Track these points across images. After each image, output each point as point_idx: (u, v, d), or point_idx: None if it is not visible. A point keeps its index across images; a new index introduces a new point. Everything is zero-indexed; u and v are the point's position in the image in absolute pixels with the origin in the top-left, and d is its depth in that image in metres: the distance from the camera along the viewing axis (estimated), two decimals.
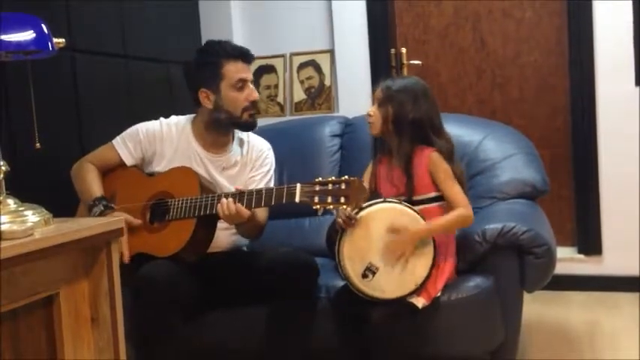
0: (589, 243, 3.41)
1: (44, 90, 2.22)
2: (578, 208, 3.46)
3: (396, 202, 2.10)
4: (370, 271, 2.05)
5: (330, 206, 1.90)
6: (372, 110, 2.22)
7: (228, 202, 2.04)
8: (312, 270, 2.19)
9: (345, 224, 2.04)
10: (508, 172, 2.58)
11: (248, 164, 2.38)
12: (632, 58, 3.22)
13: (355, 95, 3.60)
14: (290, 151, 2.84)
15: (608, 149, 3.31)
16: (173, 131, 2.34)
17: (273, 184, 2.41)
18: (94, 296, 1.54)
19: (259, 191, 2.06)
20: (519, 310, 2.34)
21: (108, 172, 2.33)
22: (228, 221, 2.11)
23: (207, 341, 2.29)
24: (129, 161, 2.31)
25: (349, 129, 2.98)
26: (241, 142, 2.40)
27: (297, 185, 1.95)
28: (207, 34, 3.54)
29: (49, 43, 1.50)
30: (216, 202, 2.07)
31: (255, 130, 2.48)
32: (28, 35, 1.47)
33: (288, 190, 1.97)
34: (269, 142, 2.47)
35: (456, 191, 2.13)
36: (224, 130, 2.34)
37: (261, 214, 2.27)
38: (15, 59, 1.52)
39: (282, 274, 2.11)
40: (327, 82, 3.72)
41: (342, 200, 1.88)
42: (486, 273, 2.22)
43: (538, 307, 3.06)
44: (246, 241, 2.43)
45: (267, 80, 3.82)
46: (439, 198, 2.16)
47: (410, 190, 2.14)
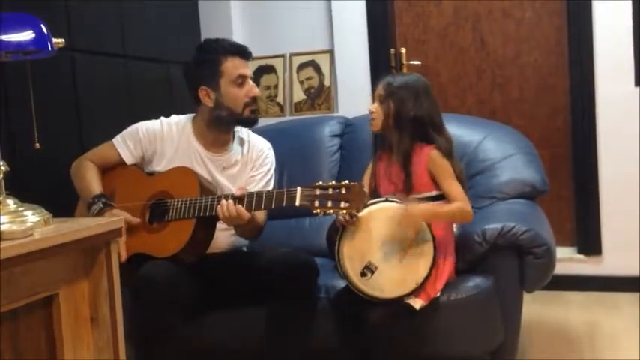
0: (588, 243, 3.41)
1: (44, 90, 2.22)
2: (577, 208, 3.46)
3: (397, 202, 2.10)
4: (369, 270, 2.05)
5: (330, 211, 1.90)
6: (373, 107, 2.22)
7: (228, 204, 2.04)
8: (311, 270, 2.19)
9: (347, 223, 2.04)
10: (508, 172, 2.58)
11: (248, 164, 2.38)
12: (632, 58, 3.22)
13: (355, 95, 3.60)
14: (290, 152, 2.84)
15: (607, 149, 3.31)
16: (173, 131, 2.34)
17: (273, 183, 2.41)
18: (93, 296, 1.54)
19: (259, 194, 2.05)
20: (519, 310, 2.34)
21: (107, 170, 2.32)
22: (227, 223, 2.11)
23: (207, 341, 2.29)
24: (129, 160, 2.31)
25: (349, 129, 2.98)
26: (242, 142, 2.40)
27: (298, 189, 1.94)
28: (207, 34, 3.54)
29: (48, 43, 1.50)
30: (216, 203, 2.07)
31: (255, 131, 2.48)
32: (27, 35, 1.47)
33: (288, 194, 1.96)
34: (269, 143, 2.46)
35: (455, 188, 2.12)
36: (225, 128, 2.34)
37: (260, 215, 2.27)
38: (14, 59, 1.52)
39: (281, 274, 2.12)
40: (327, 82, 3.72)
41: (342, 205, 1.88)
42: (486, 273, 2.22)
43: (538, 307, 3.06)
44: (246, 242, 2.43)
45: (266, 80, 3.82)
46: (438, 197, 2.15)
47: (407, 187, 2.14)
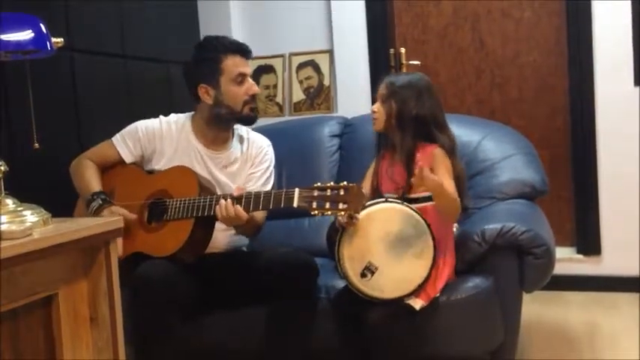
0: (588, 243, 3.41)
1: (43, 90, 2.22)
2: (577, 208, 3.46)
3: (397, 202, 2.10)
4: (369, 271, 2.04)
5: (328, 212, 1.89)
6: (375, 107, 2.22)
7: (227, 203, 2.04)
8: (311, 270, 2.19)
9: (347, 223, 2.04)
10: (507, 172, 2.58)
11: (248, 161, 2.37)
12: (631, 58, 3.22)
13: (354, 95, 3.60)
14: (289, 152, 2.83)
15: (607, 149, 3.31)
16: (173, 129, 2.34)
17: (273, 180, 2.41)
18: (92, 296, 1.54)
19: (258, 195, 2.05)
20: (518, 311, 2.34)
21: (107, 169, 2.32)
22: (226, 223, 2.10)
23: (206, 341, 2.29)
24: (128, 159, 2.31)
25: (348, 129, 2.98)
26: (241, 139, 2.40)
27: (296, 190, 1.94)
28: (207, 33, 3.49)
29: (47, 42, 1.50)
30: (215, 203, 2.06)
31: (254, 130, 2.48)
32: (26, 35, 1.47)
33: (286, 195, 1.96)
34: (268, 140, 2.46)
35: (449, 183, 2.11)
36: (224, 126, 2.34)
37: (260, 214, 2.27)
38: (14, 59, 1.52)
39: (281, 274, 2.11)
40: (326, 82, 3.72)
41: (340, 206, 1.87)
42: (485, 273, 2.22)
43: (537, 308, 3.06)
44: (246, 242, 2.43)
45: (266, 80, 3.82)
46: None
47: (408, 185, 2.14)
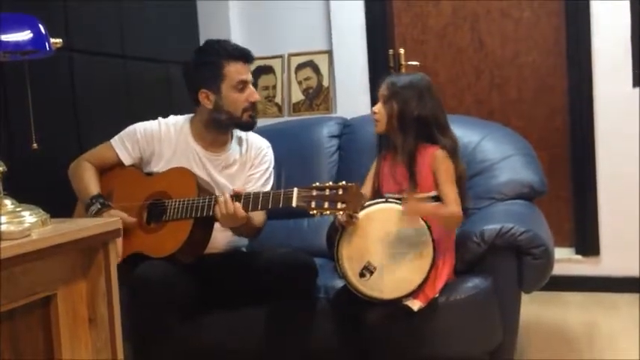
0: (587, 244, 3.41)
1: (42, 90, 2.22)
2: (576, 208, 3.46)
3: (397, 203, 2.10)
4: (368, 271, 2.04)
5: (327, 212, 1.89)
6: (377, 108, 2.21)
7: (226, 200, 2.04)
8: (310, 270, 2.19)
9: (346, 223, 2.04)
10: (506, 173, 2.58)
11: (247, 162, 2.37)
12: (630, 58, 3.22)
13: (353, 96, 3.60)
14: (288, 152, 2.83)
15: (606, 150, 3.32)
16: (171, 131, 2.34)
17: (272, 182, 2.41)
18: (91, 296, 1.54)
19: (256, 194, 2.05)
20: (517, 311, 2.34)
21: (106, 170, 2.32)
22: (224, 222, 2.09)
23: (205, 342, 2.29)
24: (127, 161, 2.31)
25: (347, 130, 2.98)
26: (240, 141, 2.40)
27: (295, 190, 1.94)
28: (206, 34, 3.54)
29: (46, 43, 1.50)
30: (214, 203, 2.06)
31: (254, 131, 2.47)
32: (25, 35, 1.47)
33: (285, 195, 1.96)
34: (267, 141, 2.45)
35: (450, 189, 2.13)
36: (223, 130, 2.34)
37: (259, 217, 2.27)
38: (12, 59, 1.52)
39: (280, 274, 2.11)
40: (325, 82, 3.72)
41: (338, 206, 1.87)
42: (484, 274, 2.22)
43: (536, 308, 3.06)
44: (245, 242, 2.43)
45: (265, 81, 3.82)
46: (437, 198, 2.16)
47: (412, 187, 2.14)
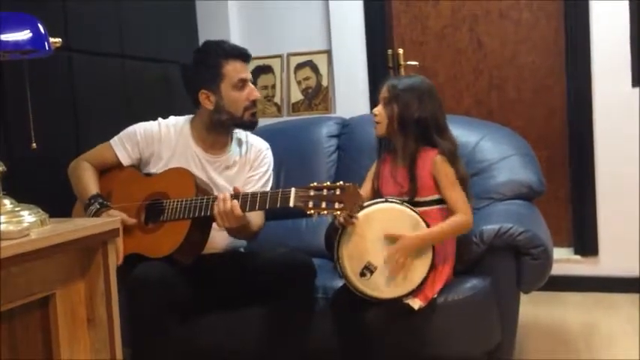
0: (585, 244, 3.41)
1: (41, 90, 2.22)
2: (574, 209, 3.46)
3: (397, 203, 2.10)
4: (368, 270, 2.05)
5: (325, 212, 1.89)
6: (377, 110, 2.21)
7: (225, 197, 2.03)
8: (309, 270, 2.19)
9: (346, 222, 2.04)
10: (505, 173, 2.58)
11: (247, 164, 2.37)
12: (629, 59, 3.22)
13: (352, 96, 3.60)
14: (287, 152, 2.83)
15: (605, 150, 3.31)
16: (171, 132, 2.33)
17: (271, 184, 2.40)
18: (90, 297, 1.54)
19: (254, 194, 2.05)
20: (516, 311, 2.34)
21: (105, 171, 2.32)
22: (222, 221, 2.06)
23: (204, 342, 2.29)
24: (126, 162, 2.31)
25: (346, 130, 2.98)
26: (240, 142, 2.40)
27: (292, 190, 1.94)
28: (205, 33, 3.54)
29: (45, 42, 1.50)
30: (211, 203, 2.06)
31: (253, 131, 2.47)
32: (24, 35, 1.47)
33: (282, 195, 1.95)
34: (267, 143, 2.46)
35: (457, 196, 2.12)
36: (224, 131, 2.34)
37: (257, 220, 2.26)
38: (12, 58, 1.52)
39: (279, 274, 2.11)
40: (325, 82, 3.72)
41: (336, 206, 1.87)
42: (483, 274, 2.22)
43: (535, 308, 3.06)
44: (244, 243, 2.42)
45: (264, 81, 3.82)
46: (441, 201, 2.15)
47: (413, 191, 2.14)
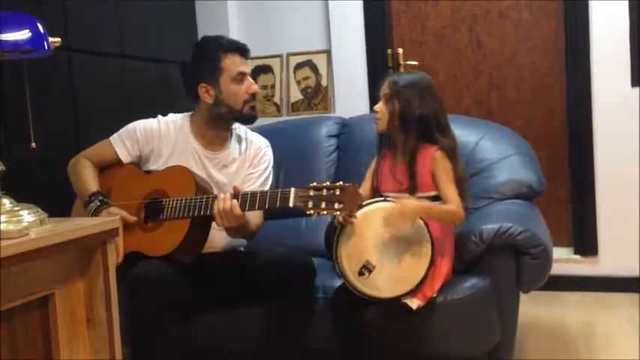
0: (585, 244, 3.41)
1: (40, 89, 2.22)
2: (574, 208, 3.46)
3: (395, 202, 2.09)
4: (367, 269, 2.04)
5: (324, 212, 1.89)
6: (378, 106, 2.21)
7: (225, 196, 2.03)
8: (309, 270, 2.19)
9: (345, 221, 2.04)
10: (505, 172, 2.58)
11: (246, 161, 2.37)
12: (629, 59, 3.22)
13: (352, 96, 3.60)
14: (287, 152, 2.83)
15: (604, 150, 3.32)
16: (171, 129, 2.33)
17: (271, 181, 2.41)
18: (89, 296, 1.54)
19: (254, 194, 2.05)
20: (515, 311, 2.34)
21: (104, 168, 2.32)
22: (222, 220, 2.06)
23: (203, 342, 2.29)
24: (126, 159, 2.31)
25: (346, 129, 2.98)
26: (239, 139, 2.40)
27: (292, 190, 1.94)
28: (204, 33, 3.48)
29: (44, 42, 1.50)
30: (211, 202, 2.06)
31: (252, 130, 2.48)
32: (24, 34, 1.47)
33: (282, 195, 1.96)
34: (267, 140, 2.45)
35: (451, 191, 2.13)
36: (224, 125, 2.34)
37: (255, 219, 2.26)
38: (11, 58, 1.52)
39: (278, 274, 2.11)
40: (324, 82, 3.72)
41: (335, 206, 1.87)
42: (483, 273, 2.22)
43: (534, 308, 3.06)
44: (243, 242, 2.42)
45: (263, 80, 3.82)
46: (438, 198, 2.15)
47: (413, 188, 2.14)
